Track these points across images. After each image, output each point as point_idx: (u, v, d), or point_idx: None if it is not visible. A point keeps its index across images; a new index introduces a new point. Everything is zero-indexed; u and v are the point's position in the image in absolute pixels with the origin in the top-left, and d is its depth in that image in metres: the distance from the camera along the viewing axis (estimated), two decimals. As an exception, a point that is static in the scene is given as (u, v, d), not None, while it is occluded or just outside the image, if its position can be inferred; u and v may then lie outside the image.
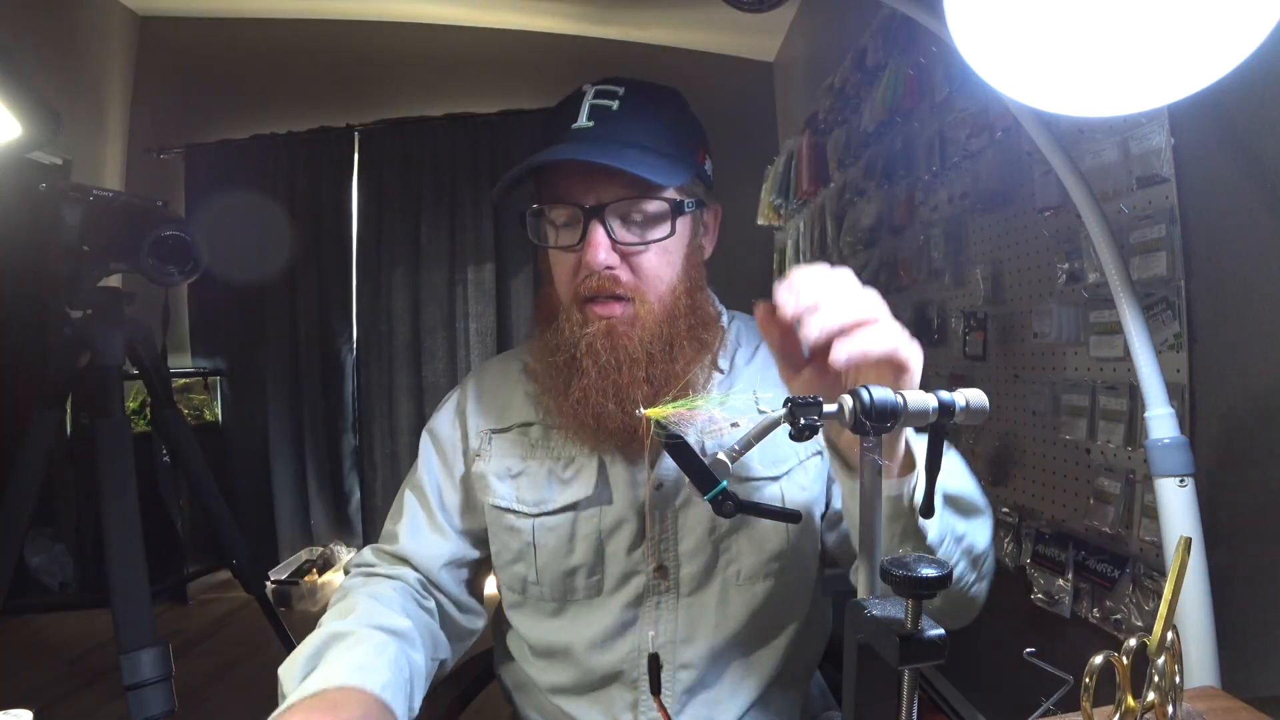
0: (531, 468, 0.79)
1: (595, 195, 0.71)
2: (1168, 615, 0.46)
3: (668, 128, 0.76)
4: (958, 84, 1.44)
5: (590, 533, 0.76)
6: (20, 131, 0.98)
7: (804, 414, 0.46)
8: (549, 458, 0.79)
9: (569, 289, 0.75)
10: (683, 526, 0.75)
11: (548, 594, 0.78)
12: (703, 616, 0.75)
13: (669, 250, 0.75)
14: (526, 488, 0.78)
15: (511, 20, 3.44)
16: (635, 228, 0.73)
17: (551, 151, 0.72)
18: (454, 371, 3.38)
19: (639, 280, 0.74)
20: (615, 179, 0.71)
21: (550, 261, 0.79)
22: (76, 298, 1.40)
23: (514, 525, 0.78)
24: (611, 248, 0.72)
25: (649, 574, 0.75)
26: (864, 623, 0.42)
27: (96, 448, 1.33)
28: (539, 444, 0.80)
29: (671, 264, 0.75)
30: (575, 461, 0.78)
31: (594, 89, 0.76)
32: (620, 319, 0.73)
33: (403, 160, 3.43)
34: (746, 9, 1.17)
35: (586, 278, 0.73)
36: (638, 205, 0.72)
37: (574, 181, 0.73)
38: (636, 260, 0.73)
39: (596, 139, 0.73)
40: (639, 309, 0.73)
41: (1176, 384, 0.90)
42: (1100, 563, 1.06)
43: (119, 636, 1.22)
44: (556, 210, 0.75)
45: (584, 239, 0.72)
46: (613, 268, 0.72)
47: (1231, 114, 0.82)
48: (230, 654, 2.45)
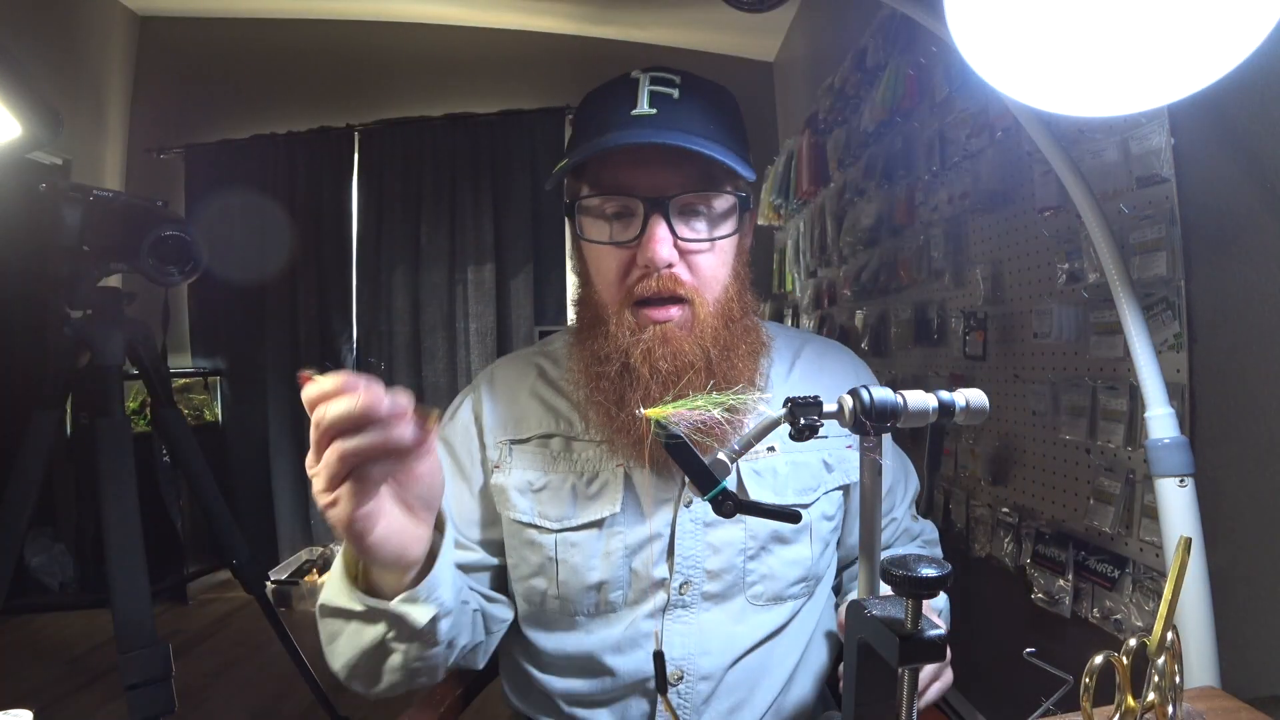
0: (554, 481, 0.75)
1: (658, 186, 0.66)
2: (1168, 615, 0.46)
3: (728, 122, 0.72)
4: (958, 84, 1.44)
5: (616, 549, 0.73)
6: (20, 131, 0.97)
7: (804, 414, 0.46)
8: (571, 472, 0.75)
9: (618, 290, 0.69)
10: (712, 544, 0.73)
11: (568, 608, 0.74)
12: (724, 630, 0.74)
13: (726, 249, 0.71)
14: (549, 502, 0.75)
15: (511, 20, 3.44)
16: (699, 223, 0.69)
17: (619, 135, 0.66)
18: (454, 371, 3.39)
19: (697, 280, 0.69)
20: (680, 170, 0.66)
21: (593, 259, 0.72)
22: (76, 298, 1.40)
23: (535, 540, 0.75)
24: (674, 244, 0.67)
25: (672, 590, 0.73)
26: (864, 623, 0.42)
27: (96, 448, 1.32)
28: (560, 457, 0.76)
29: (726, 264, 0.71)
30: (600, 476, 0.74)
31: (647, 75, 0.70)
32: (676, 323, 0.68)
33: (403, 160, 3.43)
34: (746, 9, 1.17)
35: (643, 277, 0.67)
36: (705, 199, 0.68)
37: (634, 171, 0.67)
38: (695, 259, 0.69)
39: (663, 126, 0.67)
40: (698, 310, 0.69)
41: (1176, 384, 0.90)
42: (1100, 563, 1.06)
43: (119, 636, 1.22)
44: (611, 203, 0.69)
45: (643, 234, 0.66)
46: (673, 265, 0.67)
47: (1231, 114, 0.81)
48: (230, 654, 2.45)
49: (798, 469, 0.76)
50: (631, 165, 0.68)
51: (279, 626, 1.75)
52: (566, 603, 0.74)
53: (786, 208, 2.83)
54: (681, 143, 0.64)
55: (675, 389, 0.66)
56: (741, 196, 0.71)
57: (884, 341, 1.93)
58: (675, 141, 0.64)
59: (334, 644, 0.65)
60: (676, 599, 0.73)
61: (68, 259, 1.37)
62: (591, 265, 0.73)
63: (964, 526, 1.48)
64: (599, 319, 0.72)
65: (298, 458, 3.46)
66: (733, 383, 0.69)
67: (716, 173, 0.68)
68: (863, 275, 1.98)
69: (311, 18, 3.54)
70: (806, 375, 0.82)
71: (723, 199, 0.69)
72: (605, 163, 0.69)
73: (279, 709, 2.07)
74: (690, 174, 0.67)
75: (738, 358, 0.71)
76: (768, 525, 0.73)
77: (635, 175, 0.67)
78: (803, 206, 2.66)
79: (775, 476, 0.75)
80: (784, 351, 0.83)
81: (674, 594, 0.73)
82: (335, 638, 0.65)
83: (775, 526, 0.74)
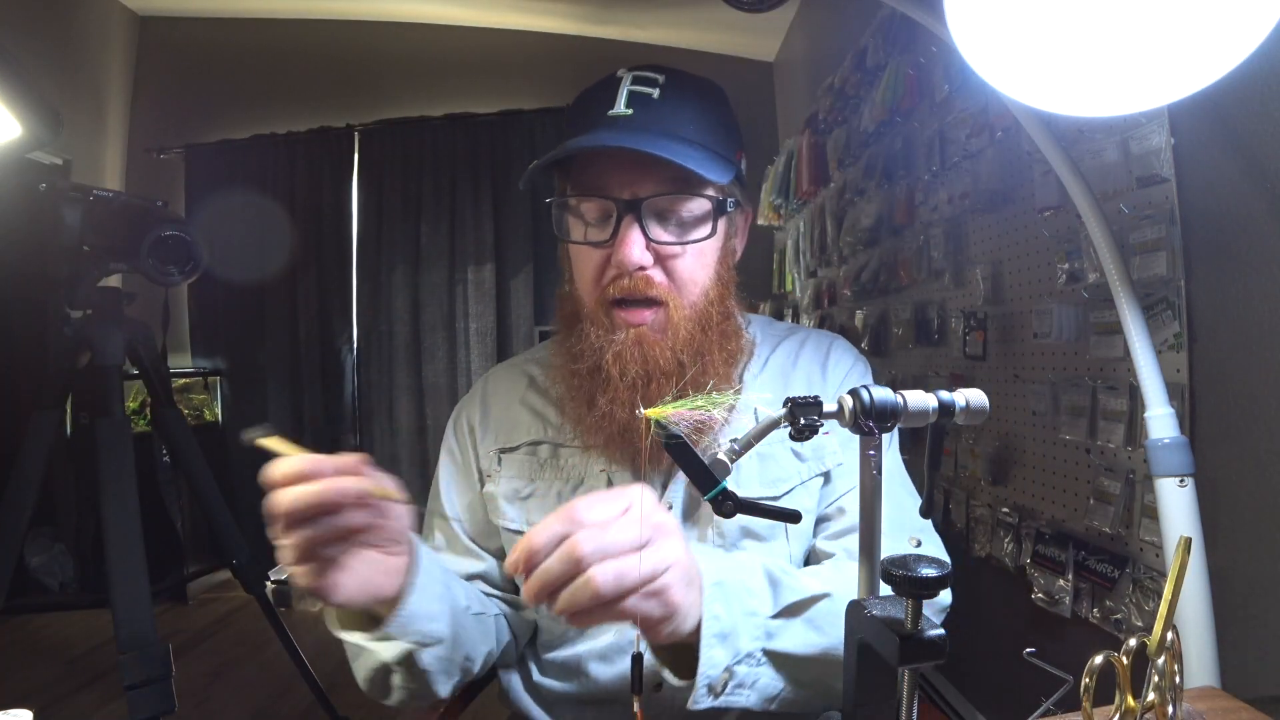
0: (540, 489, 0.75)
1: (631, 189, 0.66)
2: (1168, 615, 0.46)
3: (711, 121, 0.71)
4: (958, 84, 1.44)
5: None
6: (20, 131, 0.97)
7: (804, 414, 0.46)
8: (558, 479, 0.75)
9: (594, 290, 0.70)
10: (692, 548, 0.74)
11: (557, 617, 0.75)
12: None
13: (705, 253, 0.70)
14: (535, 510, 0.75)
15: (511, 20, 3.45)
16: (673, 227, 0.68)
17: (590, 138, 0.66)
18: (454, 371, 3.39)
19: (672, 283, 0.68)
20: (654, 173, 0.66)
21: (573, 258, 0.73)
22: (76, 298, 1.40)
23: None
24: (646, 246, 0.66)
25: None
26: (864, 623, 0.42)
27: (96, 448, 1.32)
28: (548, 464, 0.76)
29: (706, 267, 0.70)
30: (585, 484, 0.74)
31: (630, 74, 0.70)
32: (650, 326, 0.68)
33: (403, 160, 3.43)
34: (746, 9, 1.17)
35: (616, 278, 0.67)
36: (679, 202, 0.67)
37: (609, 172, 0.67)
38: (671, 262, 0.68)
39: (637, 128, 0.67)
40: (672, 314, 0.68)
41: (1176, 384, 0.90)
42: (1100, 563, 1.06)
43: (119, 636, 1.21)
44: (588, 203, 0.69)
45: (616, 235, 0.66)
46: (645, 268, 0.67)
47: (1231, 114, 0.81)
48: (230, 654, 2.46)
49: (764, 460, 0.74)
50: (606, 167, 0.68)
51: (279, 626, 1.75)
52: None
53: (786, 208, 2.82)
54: (647, 148, 0.63)
55: (641, 393, 0.66)
56: (718, 200, 0.69)
57: (884, 341, 1.93)
58: (642, 147, 0.63)
59: (353, 662, 0.67)
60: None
61: (68, 259, 1.37)
62: (572, 263, 0.73)
63: (964, 526, 1.48)
64: (577, 316, 0.72)
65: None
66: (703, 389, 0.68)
67: (691, 176, 0.66)
68: (863, 275, 1.98)
69: (311, 18, 3.54)
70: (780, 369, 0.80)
71: (698, 202, 0.68)
72: (582, 163, 0.70)
73: (279, 709, 2.07)
74: (663, 177, 0.66)
75: (711, 364, 0.70)
76: (736, 523, 0.72)
77: (609, 177, 0.67)
78: (803, 206, 2.66)
79: (739, 470, 0.73)
80: (764, 346, 0.82)
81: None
82: (354, 657, 0.67)
83: (745, 523, 0.73)
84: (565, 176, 0.73)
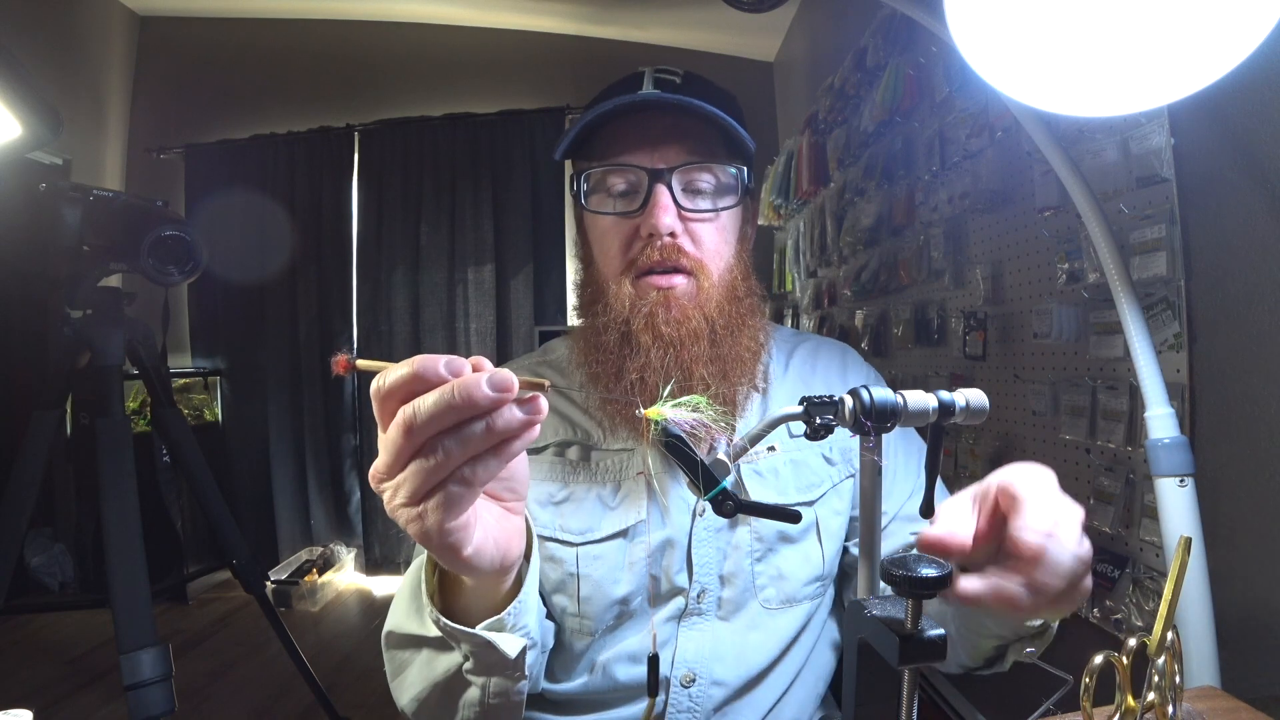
0: (577, 493, 0.73)
1: (661, 158, 0.67)
2: (1168, 615, 0.46)
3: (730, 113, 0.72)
4: (958, 84, 1.44)
5: (640, 558, 0.70)
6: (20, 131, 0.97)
7: (820, 413, 0.46)
8: (594, 482, 0.73)
9: (620, 261, 0.69)
10: (723, 549, 0.73)
11: (586, 626, 0.72)
12: (738, 636, 0.73)
13: (727, 228, 0.71)
14: (571, 515, 0.72)
15: (511, 20, 3.44)
16: (702, 196, 0.69)
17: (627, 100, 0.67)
18: (454, 371, 3.38)
19: (701, 253, 0.68)
20: (682, 143, 0.67)
21: (597, 234, 0.72)
22: (76, 298, 1.40)
23: (555, 555, 0.72)
24: (677, 214, 0.67)
25: (690, 598, 0.72)
26: (864, 623, 0.42)
27: (96, 448, 1.33)
28: (580, 466, 0.74)
29: (730, 240, 0.72)
30: (623, 486, 0.72)
31: (652, 69, 0.72)
32: (680, 291, 0.67)
33: (403, 160, 3.43)
34: (746, 9, 1.17)
35: (645, 247, 0.67)
36: (707, 170, 0.68)
37: (637, 143, 0.68)
38: (698, 230, 0.69)
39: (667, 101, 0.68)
40: (701, 282, 0.68)
41: (1176, 384, 0.90)
42: (1100, 563, 1.06)
43: (119, 636, 1.22)
44: (615, 175, 0.69)
45: (646, 205, 0.66)
46: (675, 235, 0.67)
47: (1231, 114, 0.81)
48: (230, 654, 2.46)
49: (798, 467, 0.76)
50: (635, 138, 0.68)
51: (279, 626, 1.75)
52: (586, 620, 0.72)
53: (786, 208, 2.82)
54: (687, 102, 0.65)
55: (674, 356, 0.65)
56: (744, 171, 0.71)
57: (884, 341, 1.93)
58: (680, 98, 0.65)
59: (402, 675, 0.59)
60: (694, 606, 0.72)
61: (68, 259, 1.37)
62: (594, 241, 0.73)
63: (964, 526, 1.47)
64: (599, 294, 0.71)
65: (298, 458, 3.46)
66: (735, 363, 0.69)
67: (717, 147, 0.68)
68: (863, 275, 1.98)
69: (311, 18, 3.54)
70: (800, 374, 0.82)
71: (725, 171, 0.70)
72: (609, 137, 0.70)
73: (279, 709, 2.07)
74: (691, 147, 0.68)
75: (743, 337, 0.70)
76: (774, 526, 0.73)
77: (639, 147, 0.68)
78: (803, 206, 2.66)
79: (777, 477, 0.75)
80: (782, 348, 0.83)
81: (691, 602, 0.72)
82: (404, 668, 0.59)
83: (781, 527, 0.73)
84: (587, 158, 0.73)
